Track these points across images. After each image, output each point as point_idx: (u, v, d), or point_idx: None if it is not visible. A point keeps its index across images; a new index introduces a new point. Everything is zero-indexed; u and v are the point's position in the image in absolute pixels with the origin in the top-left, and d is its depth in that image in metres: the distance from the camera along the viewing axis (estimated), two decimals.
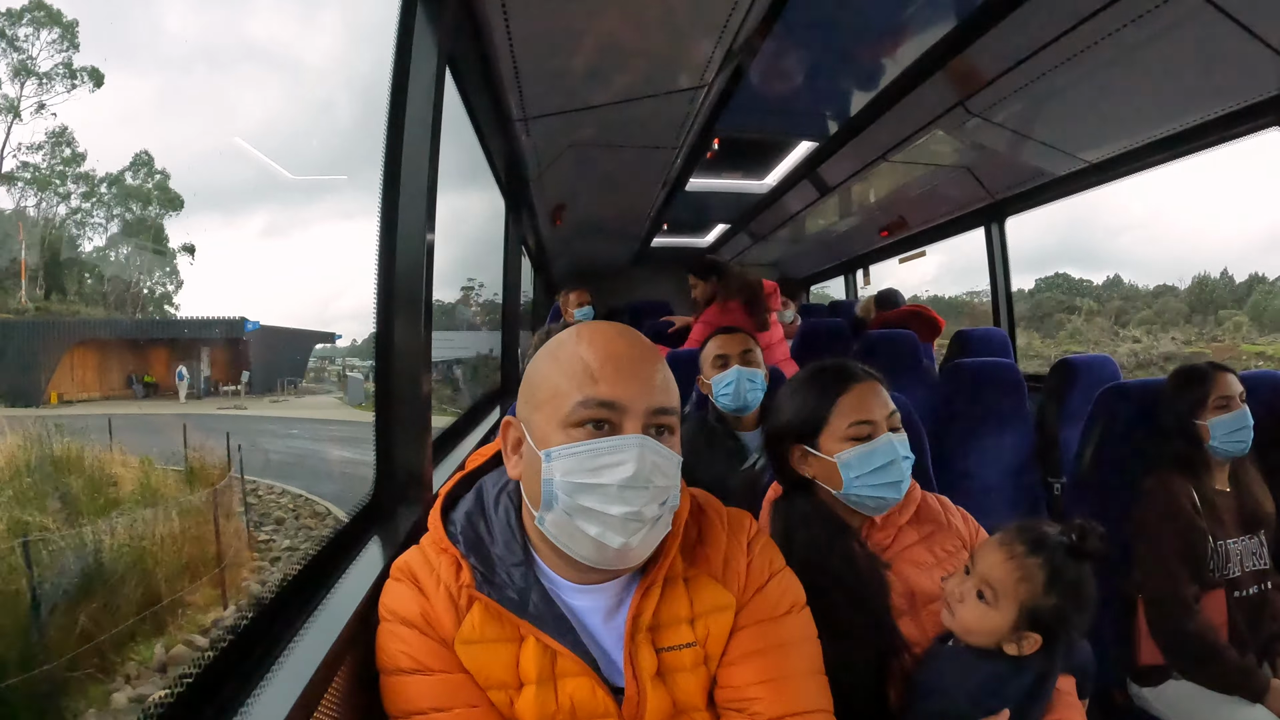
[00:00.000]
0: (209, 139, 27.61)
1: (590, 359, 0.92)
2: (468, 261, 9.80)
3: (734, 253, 6.88)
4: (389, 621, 0.97)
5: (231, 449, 10.93)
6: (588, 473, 0.89)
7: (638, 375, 0.92)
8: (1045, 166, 3.37)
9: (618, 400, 0.90)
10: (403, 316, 1.53)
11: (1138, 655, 1.83)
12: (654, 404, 0.91)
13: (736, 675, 0.99)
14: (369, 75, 43.01)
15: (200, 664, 0.89)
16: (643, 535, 0.89)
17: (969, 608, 1.17)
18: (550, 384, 0.94)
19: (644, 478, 0.88)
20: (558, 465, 0.90)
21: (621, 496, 0.88)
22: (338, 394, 18.80)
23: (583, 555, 0.92)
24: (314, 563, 1.21)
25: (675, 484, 0.93)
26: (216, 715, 0.83)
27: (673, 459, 0.92)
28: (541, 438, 0.93)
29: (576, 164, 3.63)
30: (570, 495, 0.89)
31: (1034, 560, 1.14)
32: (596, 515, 0.88)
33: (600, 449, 0.89)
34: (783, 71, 2.79)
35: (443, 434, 2.58)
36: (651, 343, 0.99)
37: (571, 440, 0.90)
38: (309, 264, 32.41)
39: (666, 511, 0.92)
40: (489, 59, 2.16)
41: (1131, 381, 2.10)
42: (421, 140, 1.52)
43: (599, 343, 0.94)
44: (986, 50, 2.37)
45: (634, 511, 0.88)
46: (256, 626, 1.00)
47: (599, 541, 0.89)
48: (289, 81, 33.79)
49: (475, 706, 0.93)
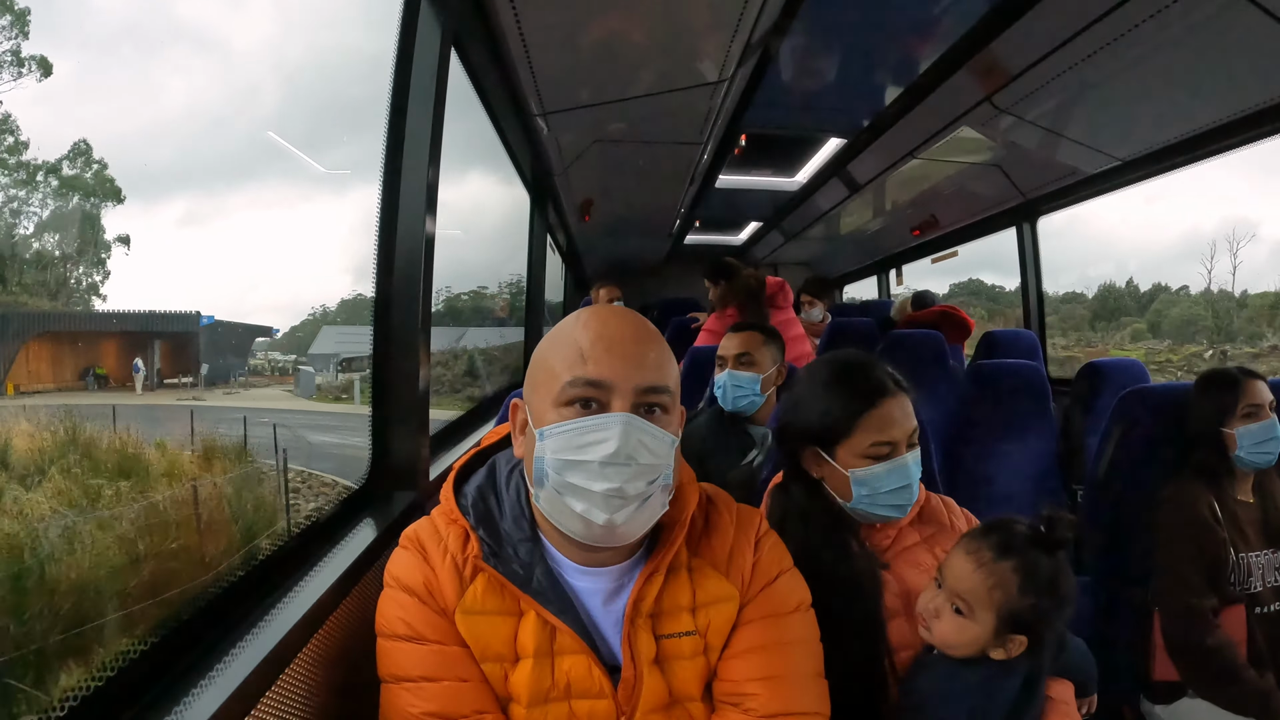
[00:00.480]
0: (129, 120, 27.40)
1: (582, 340, 0.94)
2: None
3: (767, 251, 6.86)
4: (391, 587, 0.99)
5: (221, 433, 11.37)
6: (574, 450, 0.91)
7: (627, 355, 0.93)
8: (1076, 164, 3.28)
9: (604, 379, 0.91)
10: (401, 307, 1.55)
11: (1151, 670, 1.77)
12: (643, 382, 0.92)
13: (736, 669, 1.00)
14: (300, 59, 43.05)
15: (179, 619, 0.94)
16: (629, 513, 0.90)
17: (945, 622, 1.14)
18: (546, 365, 0.96)
19: (626, 454, 0.89)
20: (549, 443, 0.92)
21: (603, 473, 0.89)
22: (284, 387, 19.27)
23: (573, 531, 0.94)
24: (303, 539, 1.25)
25: (665, 462, 0.93)
26: (197, 661, 0.89)
27: (662, 438, 0.93)
28: (538, 417, 0.95)
29: (602, 159, 3.63)
30: (558, 472, 0.91)
31: (1005, 564, 1.10)
32: (582, 491, 0.90)
33: (585, 426, 0.91)
34: (807, 66, 2.78)
35: (455, 422, 2.61)
36: (651, 325, 1.00)
37: (562, 419, 0.92)
38: (232, 253, 32.95)
39: (657, 490, 0.93)
40: (501, 47, 2.16)
41: (1155, 385, 2.04)
42: (423, 130, 1.54)
43: (593, 325, 0.96)
44: (1012, 44, 2.32)
45: (615, 488, 0.89)
46: (236, 591, 1.05)
47: (585, 518, 0.90)
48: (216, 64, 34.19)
49: (465, 680, 0.95)
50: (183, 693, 0.82)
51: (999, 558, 1.11)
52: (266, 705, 0.89)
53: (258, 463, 10.40)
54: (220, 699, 0.81)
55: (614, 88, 2.70)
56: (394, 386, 1.58)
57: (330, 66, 43.77)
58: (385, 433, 1.58)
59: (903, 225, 5.07)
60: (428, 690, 0.93)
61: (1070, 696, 1.25)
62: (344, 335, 18.90)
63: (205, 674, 0.86)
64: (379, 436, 1.58)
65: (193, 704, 0.80)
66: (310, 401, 18.09)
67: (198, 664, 0.88)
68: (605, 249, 6.45)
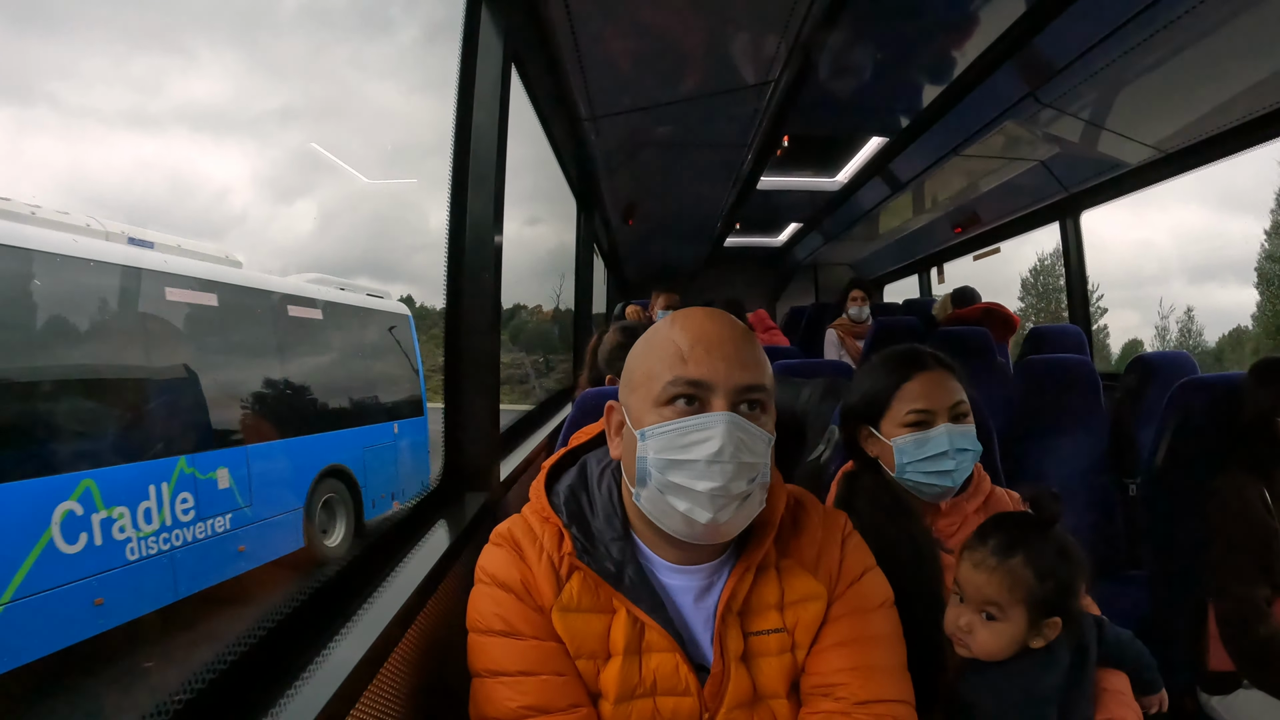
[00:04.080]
0: None
1: (681, 341, 0.95)
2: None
3: (807, 252, 6.85)
4: (485, 584, 1.00)
5: None
6: (677, 449, 0.91)
7: (725, 354, 0.94)
8: (1120, 157, 3.26)
9: (704, 379, 0.92)
10: (471, 314, 1.61)
11: (1207, 661, 1.77)
12: (741, 381, 0.93)
13: (825, 662, 1.01)
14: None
15: (271, 624, 0.95)
16: (731, 511, 0.91)
17: (981, 632, 1.16)
18: (645, 367, 0.97)
19: (729, 453, 0.90)
20: (651, 443, 0.93)
21: (708, 472, 0.90)
22: None
23: (675, 530, 0.95)
24: (379, 543, 1.28)
25: (764, 460, 0.94)
26: (292, 663, 0.89)
27: (761, 436, 0.94)
28: (637, 418, 0.96)
29: (646, 163, 3.69)
30: (661, 472, 0.92)
31: (1014, 560, 1.13)
32: (685, 491, 0.91)
33: (688, 426, 0.92)
34: (850, 66, 2.79)
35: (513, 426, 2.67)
36: (744, 325, 1.01)
37: (663, 419, 0.93)
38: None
39: (756, 489, 0.93)
40: (555, 59, 2.24)
41: (1210, 375, 2.02)
42: (489, 141, 1.60)
43: (690, 326, 0.97)
44: (1055, 38, 2.33)
45: (720, 487, 0.90)
46: (323, 597, 1.07)
47: (688, 517, 0.91)
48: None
49: (562, 675, 0.96)
50: (279, 695, 0.82)
51: (1006, 557, 1.13)
52: (365, 705, 0.90)
53: None
54: (324, 700, 0.81)
55: (662, 91, 2.75)
56: (466, 391, 1.62)
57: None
58: (458, 436, 1.62)
59: (944, 223, 5.06)
60: (525, 684, 0.95)
61: (1125, 687, 1.26)
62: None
63: (298, 678, 0.86)
64: (452, 440, 1.62)
65: (291, 705, 0.81)
66: None
67: (295, 666, 0.88)
68: (647, 252, 6.50)
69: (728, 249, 6.54)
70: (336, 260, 49.01)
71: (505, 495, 1.81)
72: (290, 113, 48.08)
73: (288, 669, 0.87)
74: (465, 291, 1.62)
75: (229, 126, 38.24)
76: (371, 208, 45.61)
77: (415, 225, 41.70)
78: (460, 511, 1.54)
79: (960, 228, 4.93)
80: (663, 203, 4.70)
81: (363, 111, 50.62)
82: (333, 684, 0.83)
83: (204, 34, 37.74)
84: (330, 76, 52.25)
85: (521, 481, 2.00)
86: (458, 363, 1.62)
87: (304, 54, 51.77)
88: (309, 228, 44.64)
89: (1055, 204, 4.01)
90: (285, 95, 49.99)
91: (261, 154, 43.27)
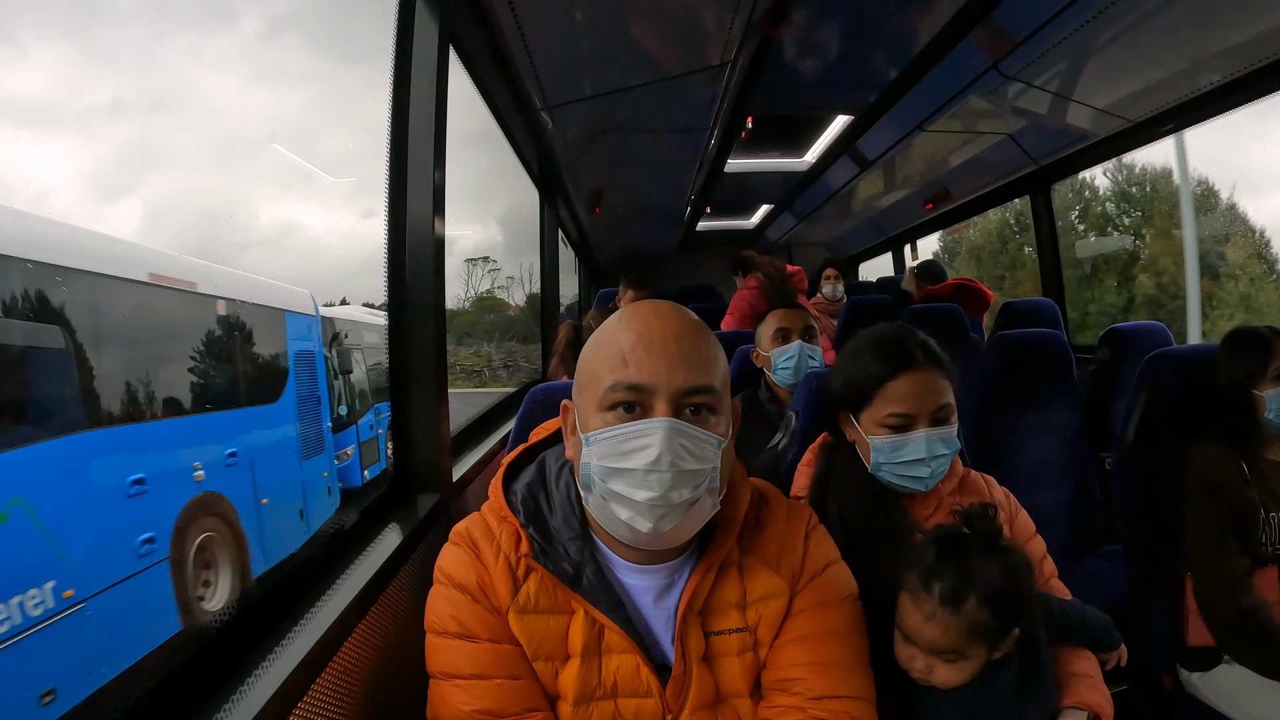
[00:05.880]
0: None
1: (624, 341, 0.92)
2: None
3: (780, 233, 6.84)
4: (443, 584, 0.98)
5: None
6: (616, 457, 0.88)
7: (667, 354, 0.90)
8: (1088, 128, 3.24)
9: (644, 382, 0.89)
10: (414, 312, 1.56)
11: (1186, 637, 1.74)
12: (684, 384, 0.89)
13: (784, 656, 1.00)
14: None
15: (214, 628, 0.95)
16: (675, 519, 0.88)
17: (942, 670, 1.11)
18: (590, 368, 0.94)
19: (667, 461, 0.86)
20: (594, 449, 0.90)
21: (646, 481, 0.87)
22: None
23: (621, 536, 0.93)
24: (329, 544, 1.26)
25: (711, 465, 0.90)
26: (233, 669, 0.89)
27: (707, 440, 0.90)
28: (584, 421, 0.93)
29: (608, 150, 3.64)
30: (603, 480, 0.89)
31: (967, 606, 1.07)
32: (625, 500, 0.88)
33: (626, 433, 0.88)
34: (810, 44, 2.73)
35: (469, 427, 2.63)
36: (696, 319, 0.97)
37: (605, 425, 0.90)
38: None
39: (703, 494, 0.90)
40: (501, 48, 2.16)
41: (1181, 347, 1.99)
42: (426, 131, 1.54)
43: (634, 324, 0.93)
44: (1014, 9, 2.28)
45: (658, 497, 0.86)
46: (271, 599, 1.06)
47: (630, 526, 0.89)
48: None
49: (517, 679, 0.94)
50: (223, 700, 0.83)
51: (958, 606, 1.07)
52: (309, 705, 0.90)
53: None
54: (259, 703, 0.81)
55: (616, 77, 2.70)
56: (412, 391, 1.59)
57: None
58: (406, 436, 1.59)
59: (915, 200, 5.04)
60: (479, 688, 0.93)
61: (1094, 670, 1.23)
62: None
63: (242, 681, 0.86)
64: (400, 440, 1.59)
65: (232, 710, 0.81)
66: None
67: (234, 673, 0.88)
68: (617, 240, 6.46)
69: (700, 233, 6.50)
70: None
71: (464, 493, 1.79)
72: (120, 105, 45.95)
73: (232, 674, 0.88)
74: (408, 286, 1.57)
75: (53, 122, 36.88)
76: (202, 205, 44.78)
77: (244, 223, 41.69)
78: (412, 512, 1.51)
79: (931, 204, 4.92)
80: (628, 190, 4.66)
81: (194, 104, 48.68)
82: (274, 685, 0.84)
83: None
84: (163, 67, 49.89)
85: (481, 479, 1.98)
86: (403, 364, 1.58)
87: (138, 41, 49.28)
88: (135, 226, 43.57)
89: (1025, 177, 4.01)
90: (114, 86, 47.98)
91: (86, 150, 41.20)
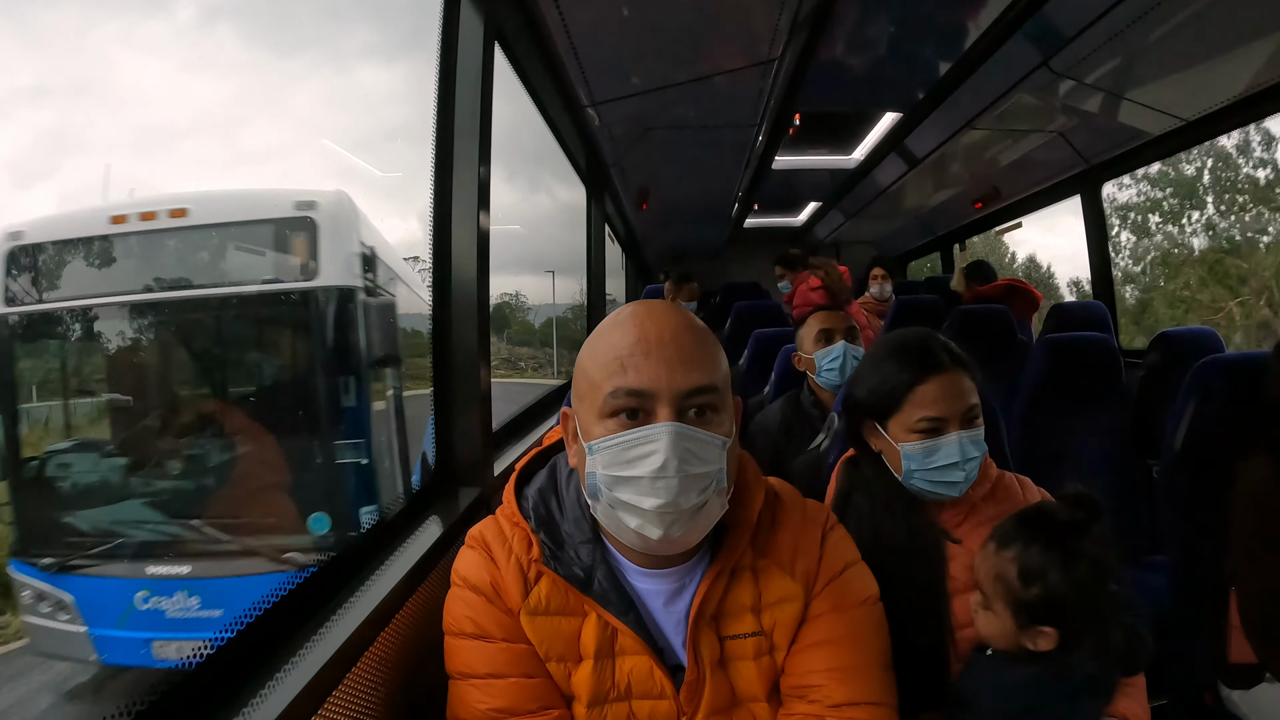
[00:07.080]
0: None
1: (620, 346, 0.90)
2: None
3: (828, 230, 6.80)
4: (459, 586, 0.99)
5: None
6: (621, 465, 0.88)
7: (666, 357, 0.89)
8: (1139, 126, 3.16)
9: (645, 387, 0.88)
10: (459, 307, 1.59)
11: (1229, 653, 1.69)
12: (686, 385, 0.88)
13: (803, 662, 0.99)
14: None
15: (254, 615, 0.97)
16: (684, 525, 0.88)
17: (979, 615, 1.12)
18: (589, 376, 0.93)
19: (674, 467, 0.85)
20: (598, 458, 0.89)
21: (654, 489, 0.86)
22: None
23: (631, 544, 0.94)
24: (370, 536, 1.28)
25: (717, 467, 0.89)
26: (271, 658, 0.91)
27: (712, 442, 0.89)
28: (586, 429, 0.92)
29: (655, 146, 3.65)
30: (609, 488, 0.89)
31: (1004, 555, 1.07)
32: (633, 508, 0.87)
33: (630, 440, 0.87)
34: (858, 40, 2.72)
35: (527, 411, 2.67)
36: (690, 316, 0.96)
37: (607, 432, 0.89)
38: None
39: (712, 497, 0.89)
40: (546, 43, 2.20)
41: (1232, 354, 1.93)
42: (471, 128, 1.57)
43: (630, 328, 0.92)
44: (1065, 5, 2.24)
45: (667, 504, 0.86)
46: (309, 588, 1.08)
47: (640, 534, 0.89)
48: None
49: (532, 677, 0.95)
50: (251, 694, 0.83)
51: (1000, 548, 1.08)
52: (335, 704, 0.90)
53: None
54: (288, 698, 0.82)
55: (662, 73, 2.71)
56: (455, 385, 1.61)
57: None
58: (448, 430, 1.61)
59: (964, 198, 4.96)
60: (495, 686, 0.94)
61: (1138, 678, 1.20)
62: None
63: (273, 674, 0.87)
64: (442, 433, 1.61)
65: (261, 704, 0.81)
66: None
67: (266, 664, 0.89)
68: (665, 236, 6.47)
69: (748, 229, 6.48)
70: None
71: (501, 489, 1.80)
72: (41, 89, 45.83)
73: (260, 668, 0.88)
74: (454, 280, 1.59)
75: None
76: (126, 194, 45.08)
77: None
78: (453, 505, 1.53)
79: (980, 203, 4.83)
80: (675, 187, 4.65)
81: (117, 85, 48.40)
82: (298, 684, 0.84)
83: None
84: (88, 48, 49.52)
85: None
86: (446, 359, 1.61)
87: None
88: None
89: (1075, 176, 3.92)
90: (34, 70, 47.59)
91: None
